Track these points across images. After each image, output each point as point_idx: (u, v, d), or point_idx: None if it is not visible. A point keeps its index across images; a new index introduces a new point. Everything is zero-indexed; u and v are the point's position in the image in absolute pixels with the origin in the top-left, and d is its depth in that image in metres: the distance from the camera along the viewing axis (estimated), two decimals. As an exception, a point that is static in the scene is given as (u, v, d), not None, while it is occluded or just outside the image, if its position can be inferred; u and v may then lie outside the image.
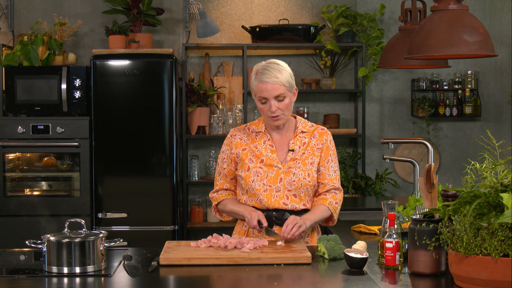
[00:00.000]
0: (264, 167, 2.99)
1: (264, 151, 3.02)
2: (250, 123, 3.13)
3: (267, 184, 2.97)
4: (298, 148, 3.02)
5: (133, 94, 5.14)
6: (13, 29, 5.71)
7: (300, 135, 3.05)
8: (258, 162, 3.00)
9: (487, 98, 5.94)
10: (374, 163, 5.95)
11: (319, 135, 3.06)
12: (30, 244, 2.54)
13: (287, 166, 2.99)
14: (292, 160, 3.00)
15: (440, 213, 2.35)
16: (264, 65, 2.94)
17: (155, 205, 5.16)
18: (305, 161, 3.01)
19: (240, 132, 3.09)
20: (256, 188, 2.97)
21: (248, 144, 3.05)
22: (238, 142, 3.06)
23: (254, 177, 2.98)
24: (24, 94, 5.17)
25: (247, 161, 3.01)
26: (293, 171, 2.98)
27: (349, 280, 2.38)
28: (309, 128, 3.08)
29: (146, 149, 5.15)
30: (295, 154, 3.01)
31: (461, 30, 2.94)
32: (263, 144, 3.03)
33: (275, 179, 2.98)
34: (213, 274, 2.48)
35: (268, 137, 3.04)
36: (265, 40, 5.59)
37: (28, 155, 5.40)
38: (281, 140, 3.05)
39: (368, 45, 5.73)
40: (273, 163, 2.99)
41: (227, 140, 3.10)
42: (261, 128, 3.06)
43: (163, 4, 5.80)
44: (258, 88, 2.92)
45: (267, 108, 2.94)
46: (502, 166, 2.24)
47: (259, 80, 2.92)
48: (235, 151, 3.05)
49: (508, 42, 5.88)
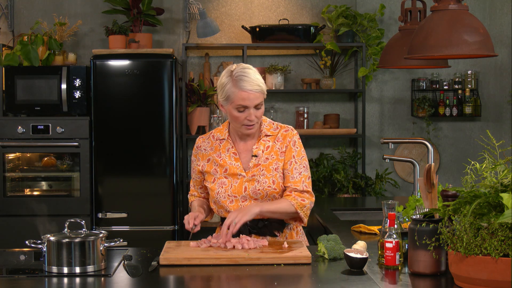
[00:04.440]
0: (229, 177, 2.90)
1: (228, 160, 2.91)
2: (215, 129, 3.01)
3: (232, 195, 2.89)
4: (261, 152, 2.89)
5: (133, 94, 5.14)
6: (13, 29, 5.72)
7: (264, 138, 2.92)
8: (222, 172, 2.91)
9: (487, 98, 5.94)
10: (374, 163, 5.95)
11: (283, 138, 2.92)
12: (30, 244, 2.54)
13: (251, 174, 2.88)
14: (255, 166, 2.89)
15: (440, 213, 2.35)
16: (240, 71, 2.78)
17: (155, 205, 5.16)
18: (269, 167, 2.88)
19: (204, 142, 2.99)
20: (222, 200, 2.90)
21: (211, 154, 2.95)
22: (203, 153, 2.97)
23: (219, 188, 2.90)
24: (24, 94, 5.17)
25: (212, 172, 2.93)
26: (257, 179, 2.87)
27: (349, 280, 2.38)
28: (273, 131, 2.93)
29: (146, 149, 5.15)
30: (258, 159, 2.89)
31: (461, 30, 2.94)
32: (226, 152, 2.93)
33: (240, 189, 2.88)
34: (213, 274, 2.48)
35: (231, 144, 2.93)
36: (265, 40, 5.59)
37: (28, 155, 5.40)
38: (245, 146, 2.93)
39: (368, 45, 5.73)
40: (236, 171, 2.89)
41: (194, 151, 3.02)
42: (224, 135, 2.95)
43: (163, 4, 5.80)
44: (238, 96, 2.75)
45: (243, 117, 2.79)
46: (502, 166, 2.24)
47: (240, 87, 2.75)
48: (201, 163, 2.97)
49: (508, 42, 5.88)
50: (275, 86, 5.65)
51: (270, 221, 2.94)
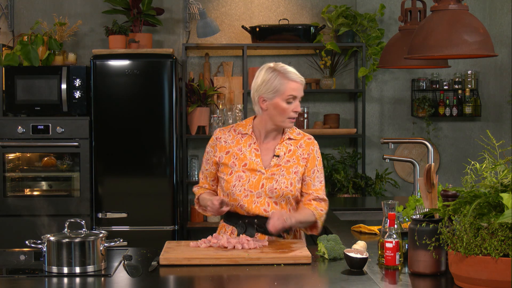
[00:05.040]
0: (247, 172, 2.93)
1: (248, 155, 2.95)
2: (237, 124, 3.06)
3: (248, 189, 2.92)
4: (283, 154, 2.96)
5: (133, 94, 5.14)
6: (13, 29, 5.72)
7: (286, 141, 2.99)
8: (241, 166, 2.94)
9: (487, 98, 5.94)
10: (374, 163, 5.95)
11: (306, 145, 3.00)
12: (30, 244, 2.54)
13: (271, 172, 2.93)
14: (276, 166, 2.94)
15: (440, 213, 2.35)
16: (282, 66, 2.92)
17: (155, 205, 5.16)
18: (289, 169, 2.94)
19: (225, 134, 3.02)
20: (236, 193, 2.92)
21: (232, 147, 2.98)
22: (222, 145, 3.00)
23: (235, 181, 2.93)
24: (24, 94, 5.17)
25: (230, 165, 2.95)
26: (276, 178, 2.92)
27: (349, 280, 2.38)
28: (296, 135, 3.02)
29: (146, 149, 5.15)
30: (279, 160, 2.95)
31: (461, 30, 2.94)
32: (248, 146, 2.97)
33: (257, 185, 2.92)
34: (213, 274, 2.48)
35: (254, 140, 2.98)
36: (265, 40, 5.59)
37: (28, 155, 5.40)
38: (267, 145, 2.99)
39: (368, 45, 5.73)
40: (256, 167, 2.93)
41: (212, 142, 3.04)
42: (247, 130, 3.00)
43: (163, 4, 5.80)
44: (289, 87, 2.89)
45: (291, 109, 2.90)
46: (502, 166, 2.24)
47: (289, 78, 2.90)
48: (218, 154, 2.99)
49: (508, 42, 5.88)
50: (275, 86, 5.65)
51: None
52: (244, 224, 2.94)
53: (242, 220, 2.95)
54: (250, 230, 2.92)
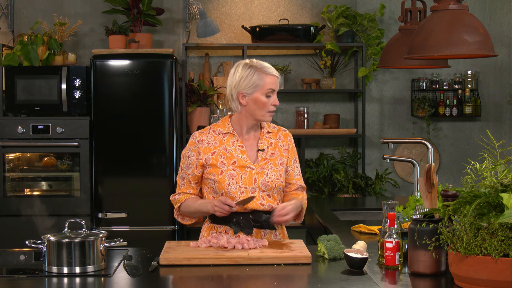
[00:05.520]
0: (237, 169, 2.96)
1: (234, 152, 2.99)
2: (214, 125, 3.08)
3: (243, 186, 2.95)
4: (266, 148, 3.04)
5: (133, 94, 5.14)
6: (13, 29, 5.72)
7: (266, 135, 3.07)
8: (230, 164, 2.97)
9: (487, 98, 5.94)
10: (374, 163, 5.95)
11: (284, 136, 3.11)
12: (30, 244, 2.54)
13: (260, 167, 2.99)
14: (263, 160, 3.00)
15: (440, 213, 2.35)
16: (256, 61, 3.00)
17: (155, 205, 5.16)
18: (275, 161, 3.02)
19: (206, 136, 3.03)
20: (232, 192, 2.94)
21: (217, 147, 3.00)
22: (206, 147, 3.00)
23: (229, 180, 2.94)
24: (24, 94, 5.17)
25: (218, 165, 2.97)
26: (266, 172, 2.98)
27: (349, 280, 2.38)
28: (272, 129, 3.11)
29: (146, 149, 5.15)
30: (264, 154, 3.02)
31: (461, 30, 2.94)
32: (232, 145, 3.01)
33: (250, 180, 2.96)
34: (213, 274, 2.48)
35: (237, 137, 3.02)
36: (265, 40, 5.59)
37: (28, 155, 5.40)
38: (249, 141, 3.04)
39: (368, 45, 5.73)
40: (245, 164, 2.97)
41: (192, 146, 3.02)
42: (228, 129, 3.03)
43: (163, 4, 5.80)
44: (267, 80, 2.96)
45: (270, 102, 2.99)
46: (502, 166, 2.24)
47: (267, 72, 2.96)
48: (203, 156, 2.99)
49: (508, 42, 5.88)
50: (275, 86, 5.65)
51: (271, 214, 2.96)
52: (239, 221, 2.95)
53: (237, 218, 2.95)
54: (247, 227, 2.94)
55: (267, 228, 2.99)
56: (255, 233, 2.96)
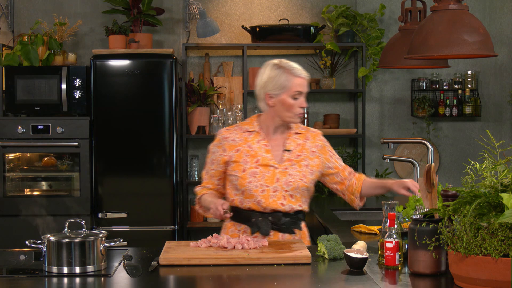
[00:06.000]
0: (260, 167, 2.96)
1: (258, 151, 2.98)
2: (241, 123, 3.09)
3: (264, 184, 2.94)
4: (293, 148, 3.01)
5: (133, 94, 5.14)
6: (13, 29, 5.72)
7: (294, 135, 3.05)
8: (253, 163, 2.97)
9: (487, 98, 5.94)
10: (374, 163, 5.95)
11: (312, 137, 3.08)
12: (30, 244, 2.54)
13: (283, 167, 2.97)
14: (288, 160, 2.98)
15: (440, 213, 2.35)
16: (286, 62, 2.96)
17: (155, 205, 5.16)
18: (300, 162, 2.99)
19: (231, 133, 3.04)
20: (253, 189, 2.94)
21: (241, 144, 3.00)
22: (231, 144, 3.01)
23: (250, 178, 2.94)
24: (24, 94, 5.17)
25: (241, 162, 2.97)
26: (289, 172, 2.96)
27: (349, 280, 2.38)
28: (301, 130, 3.09)
29: (146, 149, 5.15)
30: (290, 154, 3.00)
31: (461, 30, 2.94)
32: (257, 143, 3.00)
33: (272, 179, 2.95)
34: (213, 274, 2.48)
35: (262, 136, 3.02)
36: (265, 40, 5.59)
37: (28, 155, 5.40)
38: (275, 141, 3.03)
39: (368, 45, 5.73)
40: (269, 163, 2.96)
41: (218, 142, 3.05)
42: (255, 128, 3.03)
43: (163, 4, 5.80)
44: (295, 82, 2.93)
45: (297, 104, 2.95)
46: (502, 166, 2.24)
47: (294, 74, 2.93)
48: (228, 153, 3.00)
49: (508, 42, 5.88)
50: (275, 86, 5.65)
51: (292, 218, 2.97)
52: (258, 221, 2.95)
53: (256, 218, 2.95)
54: (265, 228, 2.93)
55: (286, 232, 2.97)
56: (272, 235, 2.95)
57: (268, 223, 2.94)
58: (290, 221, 2.97)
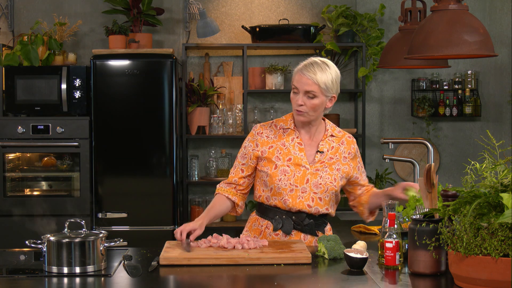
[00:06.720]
0: (292, 166, 2.94)
1: (292, 149, 2.97)
2: (277, 119, 3.07)
3: (293, 184, 2.93)
4: (326, 150, 2.99)
5: (133, 94, 5.14)
6: (13, 29, 5.72)
7: (329, 138, 3.03)
8: (285, 161, 2.95)
9: (487, 98, 5.94)
10: (374, 163, 5.95)
11: (347, 143, 3.05)
12: (30, 244, 2.54)
13: (315, 168, 2.95)
14: (320, 162, 2.97)
15: (440, 213, 2.35)
16: (313, 60, 2.94)
17: (155, 205, 5.16)
18: (332, 166, 2.98)
19: (266, 130, 3.03)
20: (282, 188, 2.93)
21: (275, 141, 2.99)
22: (264, 140, 3.00)
23: (281, 175, 2.93)
24: (24, 94, 5.17)
25: (273, 159, 2.96)
26: (320, 174, 2.95)
27: (349, 280, 2.38)
28: (337, 133, 3.06)
29: (146, 149, 5.15)
30: (323, 156, 2.98)
31: (461, 30, 2.94)
32: (291, 141, 2.99)
33: (302, 179, 2.94)
34: (213, 274, 2.48)
35: (297, 134, 3.00)
36: (265, 40, 5.59)
37: (28, 155, 5.40)
38: (310, 140, 3.01)
39: (368, 45, 5.73)
40: (300, 162, 2.95)
41: (252, 137, 3.03)
42: (289, 125, 3.02)
43: (163, 4, 5.80)
44: (295, 77, 2.94)
45: (295, 100, 2.93)
46: (502, 166, 2.24)
47: (299, 70, 2.92)
48: (260, 148, 2.99)
49: (508, 42, 5.88)
50: (275, 86, 5.65)
51: (316, 221, 2.97)
52: (281, 219, 2.94)
53: (280, 215, 2.95)
54: (287, 226, 2.93)
55: (308, 233, 2.97)
56: (294, 235, 2.95)
57: (291, 222, 2.94)
58: (314, 223, 2.97)
